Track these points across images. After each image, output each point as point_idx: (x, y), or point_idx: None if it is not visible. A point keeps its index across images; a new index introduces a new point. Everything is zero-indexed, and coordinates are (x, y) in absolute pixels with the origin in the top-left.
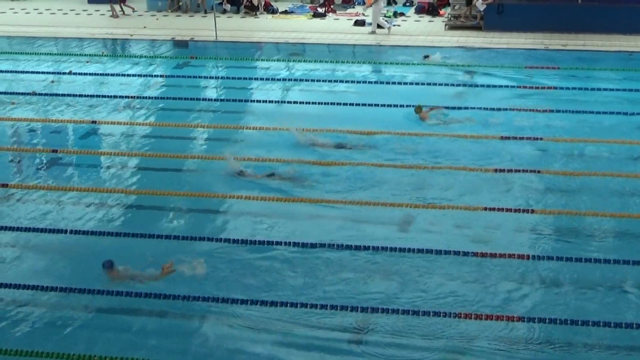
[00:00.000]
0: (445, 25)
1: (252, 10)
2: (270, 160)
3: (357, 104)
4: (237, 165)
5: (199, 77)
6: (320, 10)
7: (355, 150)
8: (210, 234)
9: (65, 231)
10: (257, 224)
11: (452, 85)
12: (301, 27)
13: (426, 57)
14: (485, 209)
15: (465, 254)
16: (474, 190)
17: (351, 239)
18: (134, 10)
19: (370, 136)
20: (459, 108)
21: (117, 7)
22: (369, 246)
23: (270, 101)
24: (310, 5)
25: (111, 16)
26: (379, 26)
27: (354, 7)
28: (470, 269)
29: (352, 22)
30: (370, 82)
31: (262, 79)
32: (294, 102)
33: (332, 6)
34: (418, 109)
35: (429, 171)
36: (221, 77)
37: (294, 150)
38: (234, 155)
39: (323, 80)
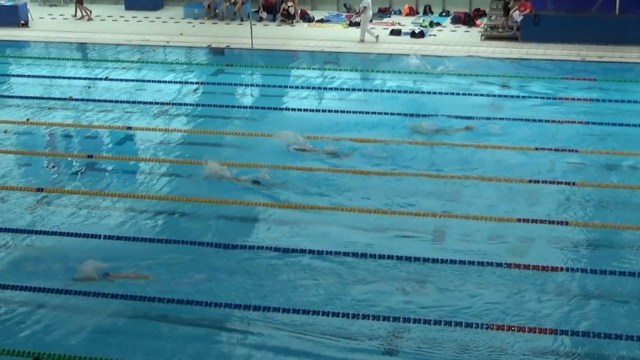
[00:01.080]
0: (482, 35)
1: (288, 18)
2: (300, 169)
3: (390, 114)
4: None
5: (234, 84)
6: (356, 19)
7: (385, 159)
8: (246, 242)
9: (100, 236)
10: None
11: (487, 95)
12: (337, 36)
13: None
14: (520, 220)
15: (499, 265)
16: (508, 201)
17: (383, 248)
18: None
19: (405, 145)
20: (494, 119)
21: (81, 11)
22: (402, 256)
23: (305, 109)
24: (347, 14)
25: (79, 19)
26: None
27: (389, 17)
28: (503, 281)
29: (388, 31)
30: (405, 92)
31: (297, 87)
32: (328, 111)
33: None
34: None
35: (462, 181)
36: (256, 85)
37: (325, 157)
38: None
39: (358, 89)
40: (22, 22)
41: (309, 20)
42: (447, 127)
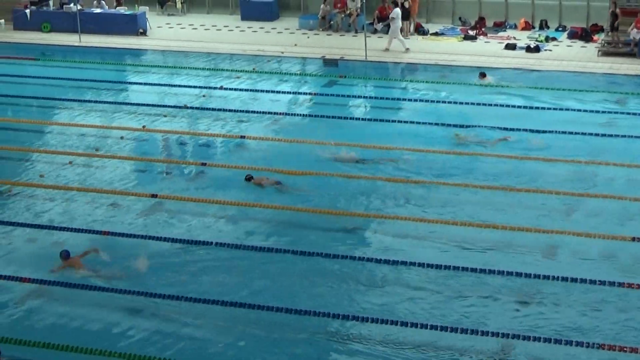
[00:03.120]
0: (599, 51)
1: (401, 31)
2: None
3: (504, 128)
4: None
5: (347, 95)
6: (471, 32)
7: (495, 174)
8: (353, 252)
9: (210, 243)
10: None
11: (602, 112)
12: (451, 50)
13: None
14: (634, 239)
15: (611, 284)
16: (623, 219)
17: (489, 263)
18: None
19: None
20: (609, 136)
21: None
22: (512, 272)
23: (418, 122)
24: (462, 27)
25: None
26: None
27: (505, 31)
28: (614, 300)
29: (503, 45)
30: (518, 107)
31: (410, 99)
32: (440, 124)
33: (483, 29)
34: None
35: (577, 198)
36: (369, 97)
37: (427, 170)
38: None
39: (471, 103)
40: (141, 30)
41: (424, 33)
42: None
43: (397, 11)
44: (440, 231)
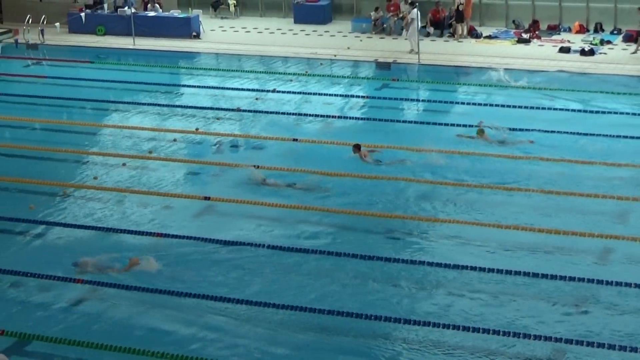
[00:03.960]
0: None
1: (454, 34)
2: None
3: (557, 132)
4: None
5: (400, 99)
6: (524, 36)
7: (547, 178)
8: (411, 256)
9: (262, 245)
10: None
11: None
12: (504, 53)
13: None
14: None
15: None
16: None
17: (542, 267)
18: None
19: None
20: None
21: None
22: (565, 276)
23: (470, 126)
24: (515, 30)
25: None
26: None
27: (559, 34)
28: None
29: (557, 48)
30: (572, 110)
31: (462, 103)
32: (492, 128)
33: (537, 32)
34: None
35: (631, 202)
36: (421, 100)
37: (478, 173)
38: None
39: (524, 107)
40: (194, 33)
41: (477, 36)
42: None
43: (416, 12)
44: (493, 234)
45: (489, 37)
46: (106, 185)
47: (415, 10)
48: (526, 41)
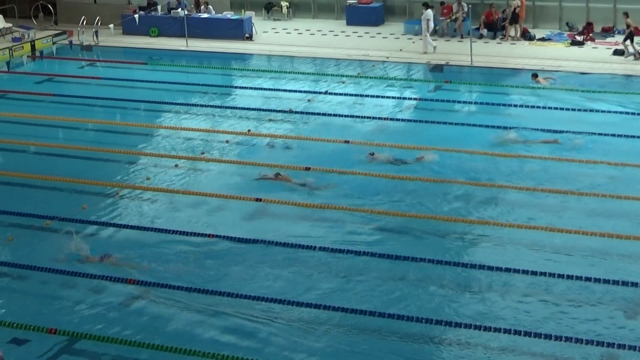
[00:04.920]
0: None
1: (507, 36)
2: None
3: (609, 135)
4: None
5: (452, 101)
6: (578, 38)
7: (599, 182)
8: (462, 259)
9: (314, 247)
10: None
11: None
12: (558, 55)
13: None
14: None
15: None
16: None
17: (594, 271)
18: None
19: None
20: None
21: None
22: (618, 280)
23: (524, 128)
24: (569, 33)
25: None
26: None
27: (613, 36)
28: None
29: (611, 51)
30: (626, 114)
31: (515, 105)
32: (548, 130)
33: (591, 34)
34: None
35: None
36: (474, 102)
37: (531, 176)
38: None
39: (578, 110)
40: (247, 35)
41: (530, 38)
42: None
43: (430, 12)
44: (545, 238)
45: (542, 39)
46: (158, 186)
47: (430, 11)
48: (580, 44)
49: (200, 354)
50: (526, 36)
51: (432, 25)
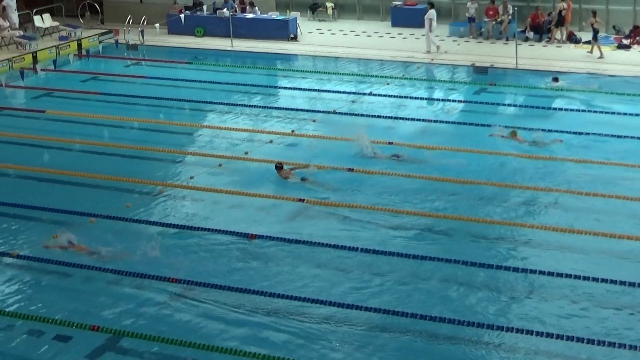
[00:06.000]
0: None
1: (553, 38)
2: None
3: None
4: None
5: (497, 104)
6: (625, 41)
7: None
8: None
9: (355, 249)
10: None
11: None
12: (604, 58)
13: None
14: None
15: None
16: None
17: (632, 276)
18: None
19: None
20: None
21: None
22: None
23: (569, 132)
24: (615, 36)
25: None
26: None
27: None
28: None
29: None
30: None
31: (559, 109)
32: (591, 134)
33: (638, 38)
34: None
35: None
36: (519, 105)
37: (577, 180)
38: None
39: (623, 114)
40: (292, 36)
41: (576, 41)
42: None
43: (433, 12)
44: (589, 242)
45: (588, 42)
46: (202, 185)
47: (433, 10)
48: (626, 47)
49: (240, 353)
50: (572, 39)
51: (435, 24)
